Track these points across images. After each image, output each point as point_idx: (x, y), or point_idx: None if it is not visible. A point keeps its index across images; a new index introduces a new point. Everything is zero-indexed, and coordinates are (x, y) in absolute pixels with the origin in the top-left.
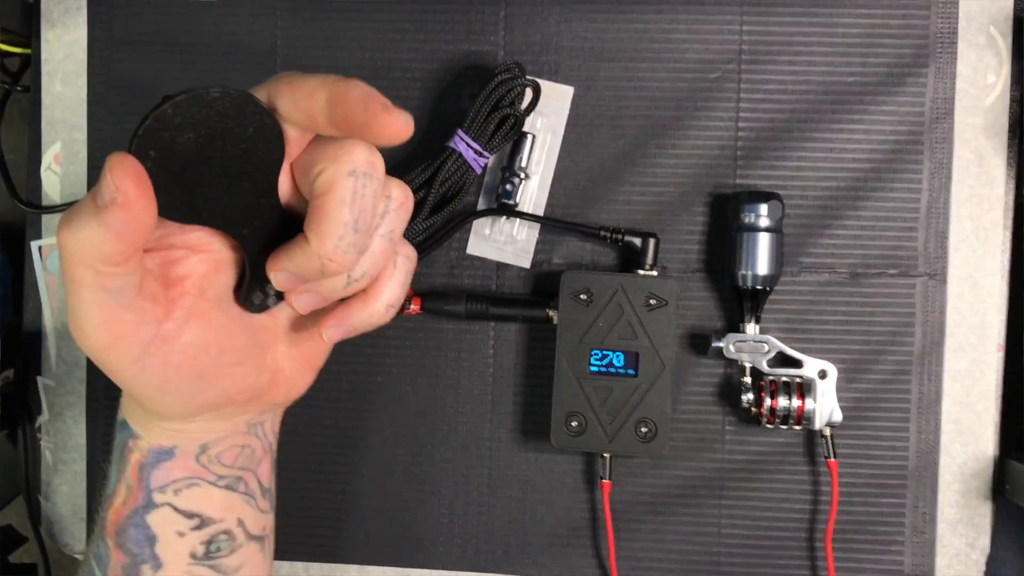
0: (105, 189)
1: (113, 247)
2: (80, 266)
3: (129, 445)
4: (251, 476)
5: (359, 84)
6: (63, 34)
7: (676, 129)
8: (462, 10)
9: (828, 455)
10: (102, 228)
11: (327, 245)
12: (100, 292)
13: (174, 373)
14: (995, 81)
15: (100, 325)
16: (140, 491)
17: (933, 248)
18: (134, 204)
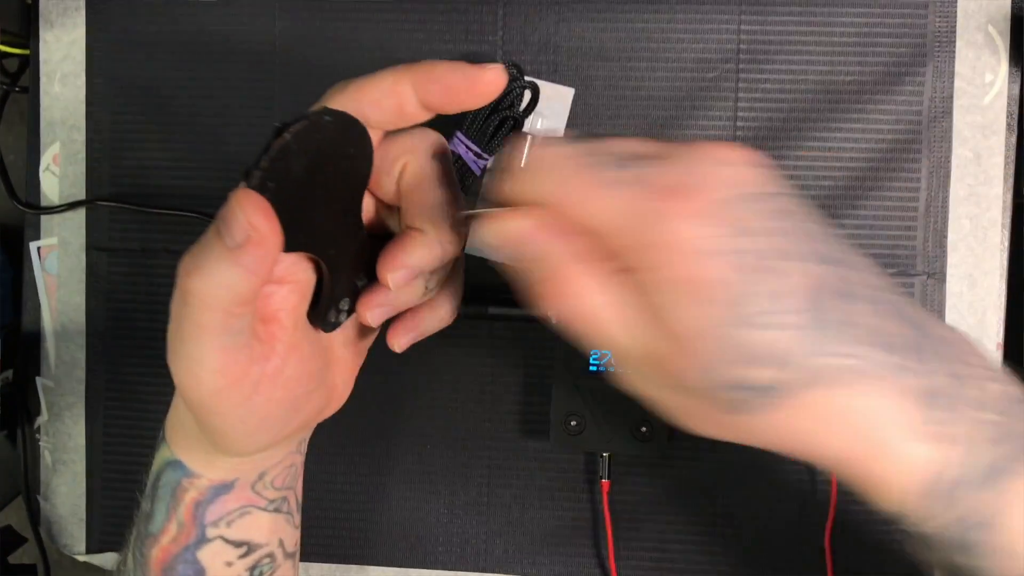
0: (237, 228)
1: (248, 286)
2: (209, 311)
3: (184, 484)
4: (292, 494)
5: (434, 61)
6: (61, 35)
7: (674, 128)
8: (460, 10)
9: None
10: (238, 268)
11: (444, 226)
12: (225, 335)
13: (275, 408)
14: (993, 80)
15: (220, 370)
16: (194, 528)
17: (931, 247)
18: (267, 240)
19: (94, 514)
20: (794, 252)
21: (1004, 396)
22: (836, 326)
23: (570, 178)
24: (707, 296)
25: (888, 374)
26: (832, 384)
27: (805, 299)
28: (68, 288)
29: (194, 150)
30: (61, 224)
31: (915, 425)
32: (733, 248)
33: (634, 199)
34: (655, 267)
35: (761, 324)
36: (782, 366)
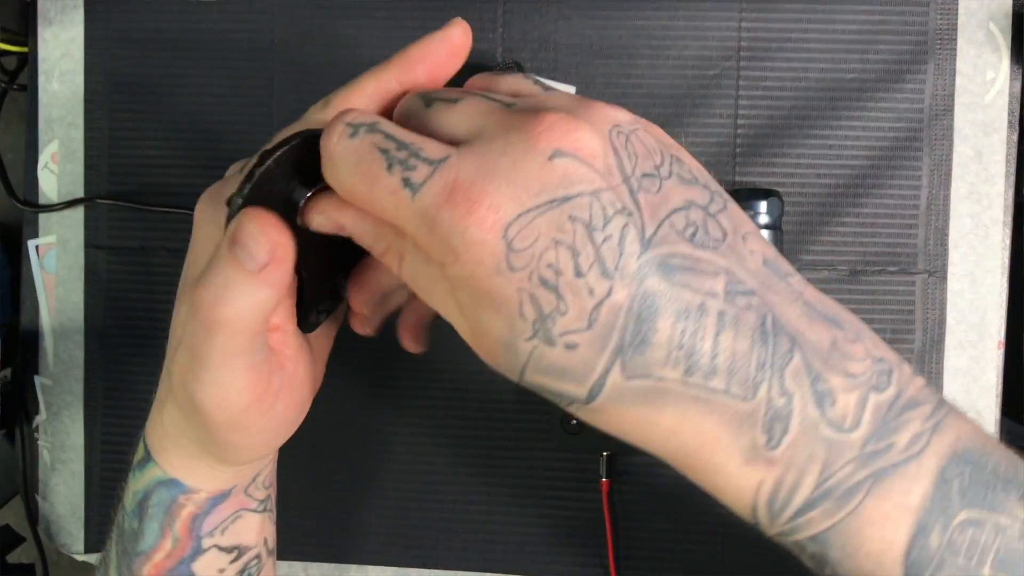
0: (259, 249)
1: (274, 304)
2: (240, 336)
3: (180, 501)
4: (274, 490)
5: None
6: (60, 32)
7: (675, 126)
8: (460, 7)
9: None
10: (265, 289)
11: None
12: (251, 356)
13: (292, 412)
14: (994, 77)
15: (247, 388)
16: (190, 541)
17: (933, 245)
18: (288, 255)
19: (92, 513)
20: (621, 264)
21: (882, 405)
22: (652, 347)
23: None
24: (506, 308)
25: (713, 398)
26: (644, 404)
27: (617, 316)
28: (67, 286)
29: (193, 148)
30: (59, 222)
31: (740, 448)
32: (538, 262)
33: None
34: (456, 273)
35: (561, 341)
36: (580, 382)
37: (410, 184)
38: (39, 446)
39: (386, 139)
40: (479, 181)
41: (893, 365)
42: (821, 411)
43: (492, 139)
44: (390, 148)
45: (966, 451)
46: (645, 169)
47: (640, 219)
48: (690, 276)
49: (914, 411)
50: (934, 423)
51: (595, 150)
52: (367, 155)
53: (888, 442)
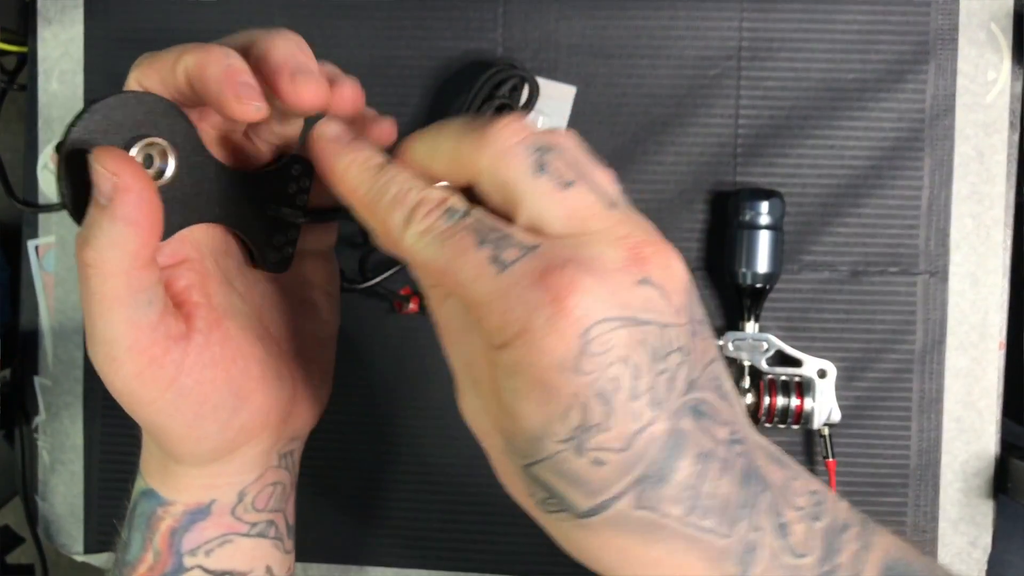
0: (103, 182)
1: (136, 240)
2: (111, 278)
3: (158, 513)
4: (280, 517)
5: (217, 58)
6: (59, 32)
7: (676, 126)
8: (460, 7)
9: (827, 455)
10: (119, 223)
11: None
12: (131, 307)
13: (210, 391)
14: (996, 78)
15: (133, 347)
16: (170, 557)
17: (934, 246)
18: (135, 184)
19: (92, 514)
20: (669, 399)
21: (823, 532)
22: (668, 485)
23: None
24: (553, 406)
25: (701, 537)
26: (638, 534)
27: (650, 447)
28: (66, 287)
29: None
30: (59, 222)
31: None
32: (604, 372)
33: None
34: (516, 358)
35: (588, 454)
36: (590, 496)
37: (499, 261)
38: (38, 446)
39: (479, 221)
40: (575, 272)
41: (824, 495)
42: (783, 541)
43: (589, 242)
44: (483, 229)
45: (895, 562)
46: (699, 318)
47: (691, 361)
48: (710, 423)
49: (847, 533)
50: (864, 542)
51: (678, 288)
52: (460, 232)
53: (834, 564)
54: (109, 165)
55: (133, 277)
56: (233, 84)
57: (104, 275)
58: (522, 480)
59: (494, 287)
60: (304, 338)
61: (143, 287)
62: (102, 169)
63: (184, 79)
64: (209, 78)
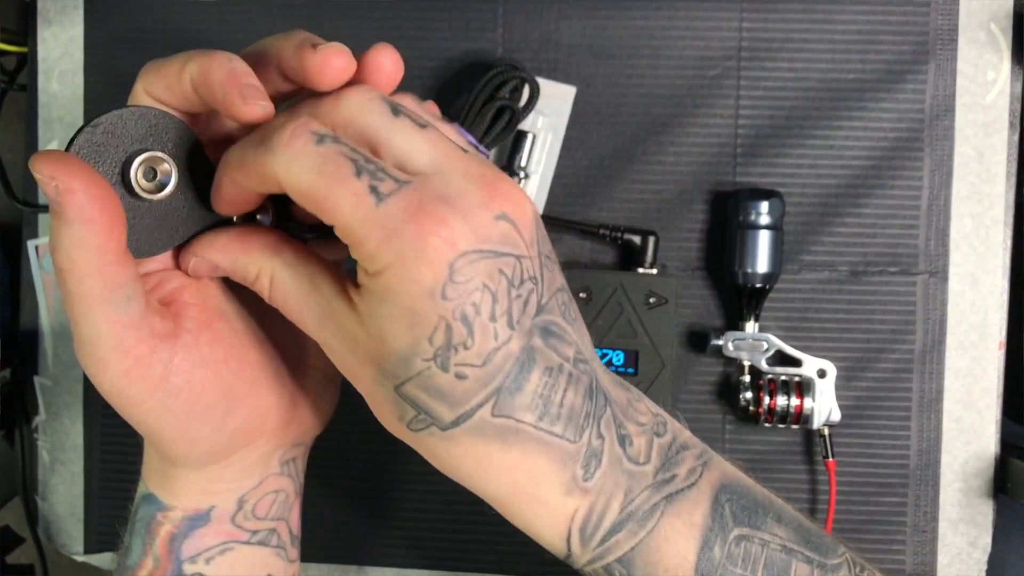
0: (46, 187)
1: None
2: (84, 279)
3: (158, 518)
4: (283, 526)
5: (221, 63)
6: (60, 32)
7: (676, 126)
8: (460, 7)
9: (826, 455)
10: (73, 224)
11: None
12: (111, 305)
13: (200, 391)
14: (995, 78)
15: (118, 346)
16: (169, 563)
17: (934, 246)
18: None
19: (92, 514)
20: (522, 320)
21: (663, 446)
22: (521, 394)
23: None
24: (420, 329)
25: (552, 440)
26: (497, 440)
27: (507, 362)
28: None
29: None
30: None
31: (562, 481)
32: (467, 298)
33: (395, 214)
34: (386, 284)
35: (455, 370)
36: (454, 407)
37: (376, 192)
38: (38, 447)
39: (352, 151)
40: (444, 209)
41: (667, 418)
42: (623, 449)
43: (452, 180)
44: (359, 159)
45: (730, 483)
46: (547, 251)
47: (541, 288)
48: (557, 342)
49: (687, 452)
50: (703, 461)
51: (529, 223)
52: (334, 159)
53: (672, 473)
54: (45, 170)
55: (106, 274)
56: (237, 86)
57: (78, 276)
58: (392, 403)
59: (372, 217)
60: (309, 345)
61: (119, 284)
62: (40, 176)
63: (190, 85)
64: (214, 82)
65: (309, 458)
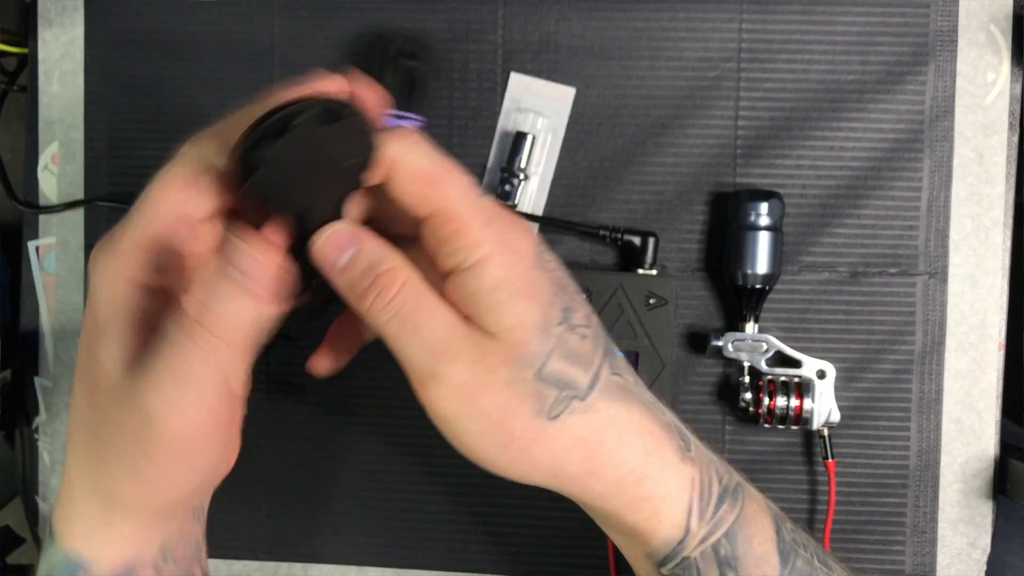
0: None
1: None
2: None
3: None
4: (196, 566)
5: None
6: (60, 33)
7: (675, 128)
8: (460, 9)
9: (826, 455)
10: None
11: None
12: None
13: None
14: (995, 79)
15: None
16: None
17: (933, 247)
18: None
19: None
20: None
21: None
22: (617, 357)
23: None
24: (543, 294)
25: (650, 404)
26: (622, 399)
27: (600, 327)
28: (66, 287)
29: None
30: (60, 223)
31: (675, 447)
32: (557, 270)
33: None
34: (505, 260)
35: (578, 331)
36: (587, 368)
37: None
38: (39, 447)
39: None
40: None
41: None
42: (699, 437)
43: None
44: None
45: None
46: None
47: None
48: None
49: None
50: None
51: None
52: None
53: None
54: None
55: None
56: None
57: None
58: (531, 396)
59: (477, 205)
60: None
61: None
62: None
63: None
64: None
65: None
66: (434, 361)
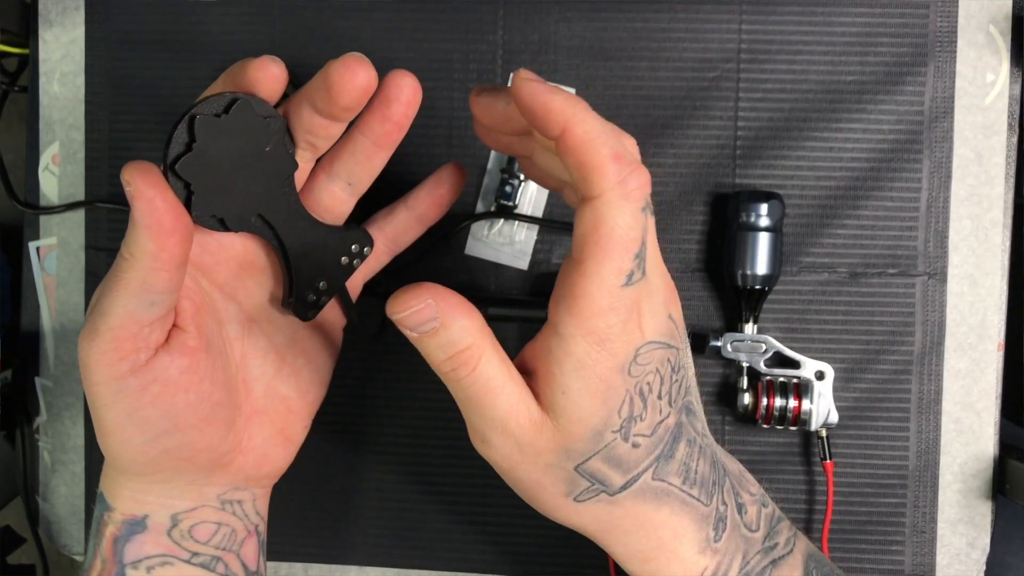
0: (126, 191)
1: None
2: (132, 271)
3: (104, 518)
4: (233, 557)
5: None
6: (60, 34)
7: (675, 129)
8: (460, 9)
9: (824, 456)
10: (137, 226)
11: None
12: (135, 300)
13: (148, 402)
14: (994, 80)
15: (114, 329)
16: (114, 565)
17: (933, 247)
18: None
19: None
20: (676, 400)
21: (768, 517)
22: (673, 461)
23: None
24: (613, 400)
25: (692, 502)
26: (653, 500)
27: (666, 434)
28: (67, 288)
29: None
30: (60, 224)
31: (698, 540)
32: (644, 378)
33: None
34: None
35: (631, 439)
36: (625, 473)
37: (631, 278)
38: (39, 447)
39: (644, 234)
40: (645, 307)
41: (764, 491)
42: (740, 516)
43: (655, 280)
44: (643, 243)
45: (814, 553)
46: (688, 342)
47: (688, 374)
48: (693, 419)
49: (783, 523)
50: (794, 532)
51: (682, 322)
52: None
53: (775, 541)
54: (126, 175)
55: (149, 277)
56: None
57: (128, 266)
58: (565, 482)
59: (613, 294)
60: (277, 404)
61: (155, 289)
62: (123, 178)
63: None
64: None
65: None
66: (488, 431)
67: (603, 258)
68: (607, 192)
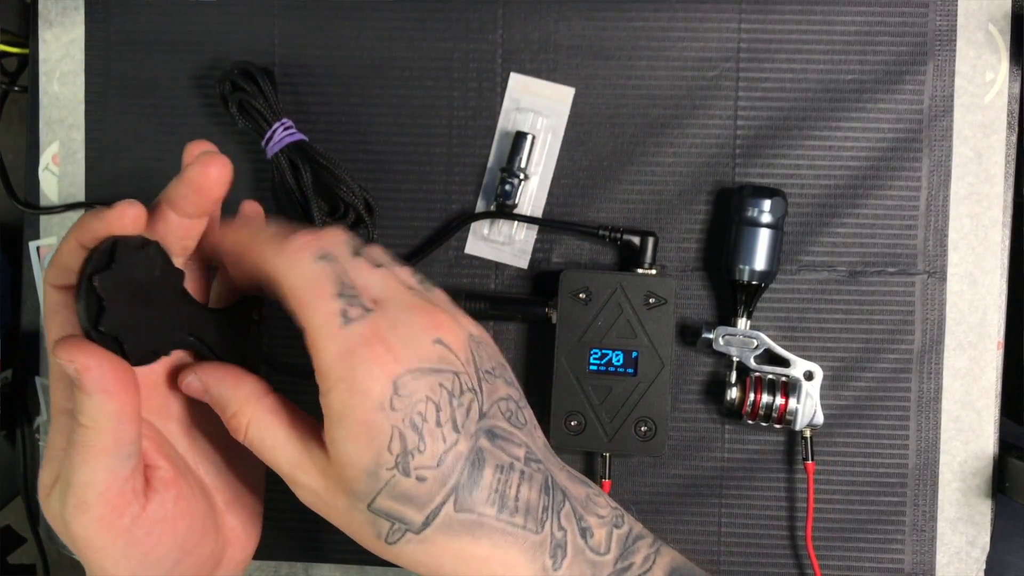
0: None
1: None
2: (100, 434)
3: None
4: None
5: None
6: (60, 34)
7: (674, 127)
8: (460, 9)
9: (806, 456)
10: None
11: None
12: (114, 459)
13: (156, 543)
14: (994, 78)
15: (104, 493)
16: None
17: (932, 246)
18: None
19: None
20: (466, 425)
21: (621, 537)
22: (479, 489)
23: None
24: (378, 440)
25: (515, 531)
26: (466, 534)
27: (457, 462)
28: None
29: None
30: (60, 224)
31: (533, 571)
32: (413, 408)
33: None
34: (343, 401)
35: (413, 473)
36: (421, 508)
37: (346, 316)
38: (40, 447)
39: (342, 275)
40: (391, 337)
41: (623, 511)
42: (585, 541)
43: (400, 311)
44: (343, 284)
45: (680, 565)
46: (487, 367)
47: (481, 398)
48: (504, 443)
49: (641, 541)
50: (655, 549)
51: (462, 345)
52: (325, 276)
53: (629, 561)
54: (64, 355)
55: (119, 432)
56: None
57: (95, 432)
58: (368, 523)
59: (335, 335)
60: (239, 487)
61: (128, 441)
62: (60, 360)
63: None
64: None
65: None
66: (292, 472)
67: (304, 312)
68: (272, 260)
